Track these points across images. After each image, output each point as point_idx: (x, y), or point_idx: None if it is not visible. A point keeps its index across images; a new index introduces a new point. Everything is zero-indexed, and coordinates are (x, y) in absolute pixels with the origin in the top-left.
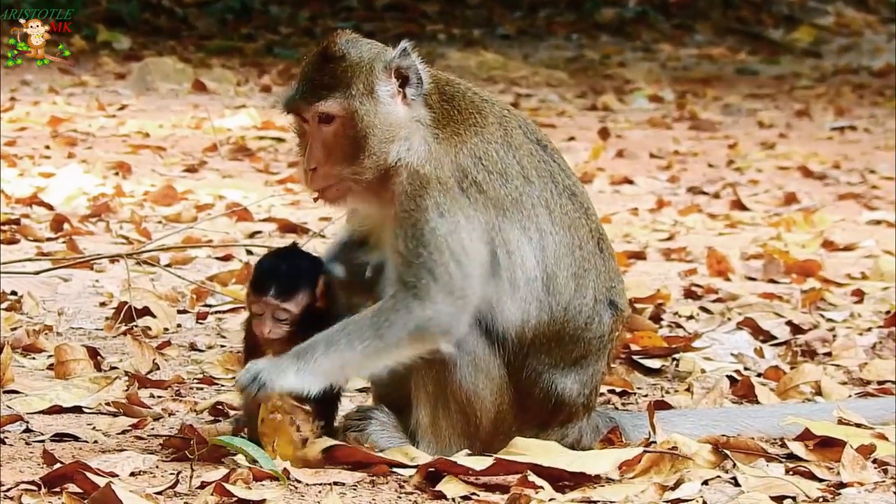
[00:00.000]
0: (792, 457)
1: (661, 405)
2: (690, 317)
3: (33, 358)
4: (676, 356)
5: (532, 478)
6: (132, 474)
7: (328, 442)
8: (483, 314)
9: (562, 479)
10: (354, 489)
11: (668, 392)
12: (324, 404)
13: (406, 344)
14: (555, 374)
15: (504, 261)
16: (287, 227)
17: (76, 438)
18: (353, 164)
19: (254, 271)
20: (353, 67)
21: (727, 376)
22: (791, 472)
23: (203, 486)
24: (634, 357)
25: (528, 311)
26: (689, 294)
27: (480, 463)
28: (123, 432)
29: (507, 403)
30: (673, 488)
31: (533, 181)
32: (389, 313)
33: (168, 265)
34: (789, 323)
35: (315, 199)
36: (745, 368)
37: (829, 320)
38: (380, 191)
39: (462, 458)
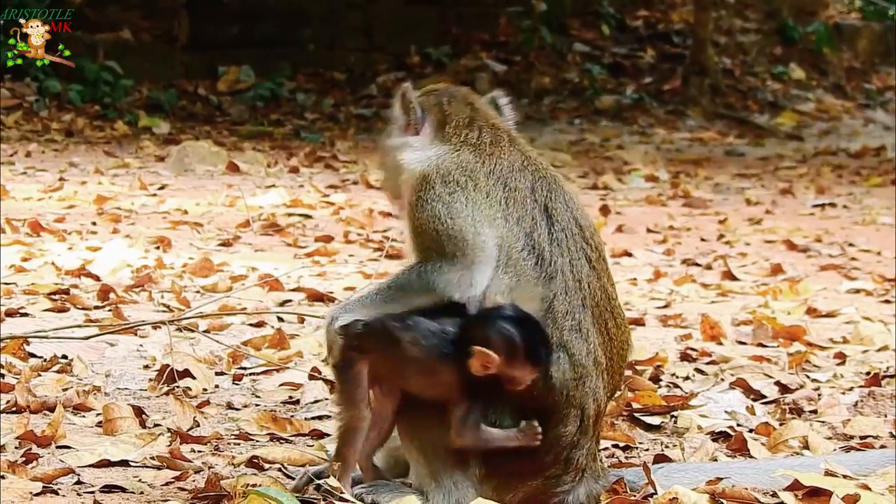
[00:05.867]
0: None
1: (662, 458)
2: (686, 377)
3: (83, 416)
4: (675, 413)
5: None
6: None
7: None
8: None
9: None
10: None
11: (667, 447)
12: None
13: None
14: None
15: None
16: (315, 296)
17: (124, 490)
18: None
19: (527, 342)
20: None
21: (721, 432)
22: None
23: None
24: (636, 414)
25: None
26: (685, 357)
27: None
28: (167, 484)
29: None
30: None
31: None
32: None
33: (206, 331)
34: (777, 383)
35: None
36: (738, 425)
37: (815, 380)
38: None
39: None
